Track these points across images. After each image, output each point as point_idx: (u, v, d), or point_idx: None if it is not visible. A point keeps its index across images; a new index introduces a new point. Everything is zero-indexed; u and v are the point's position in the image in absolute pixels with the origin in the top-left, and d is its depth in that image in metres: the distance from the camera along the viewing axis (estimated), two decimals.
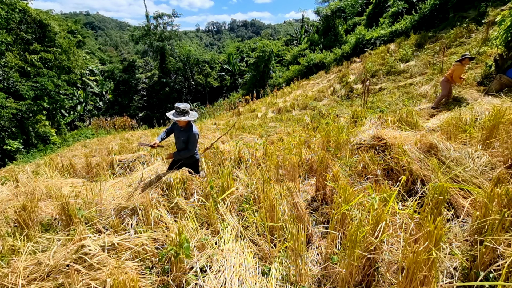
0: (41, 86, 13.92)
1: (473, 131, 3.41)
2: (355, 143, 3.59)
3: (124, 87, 27.84)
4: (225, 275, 1.84)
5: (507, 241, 1.63)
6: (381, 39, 14.83)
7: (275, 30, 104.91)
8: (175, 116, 3.27)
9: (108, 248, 1.97)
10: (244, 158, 4.18)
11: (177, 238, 1.88)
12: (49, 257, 1.85)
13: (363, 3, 22.33)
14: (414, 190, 2.63)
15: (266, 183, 2.67)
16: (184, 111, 3.26)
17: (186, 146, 3.43)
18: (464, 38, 9.79)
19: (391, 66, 10.72)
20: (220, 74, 33.10)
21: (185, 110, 3.27)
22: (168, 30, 30.36)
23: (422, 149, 2.91)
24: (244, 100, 18.46)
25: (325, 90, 12.32)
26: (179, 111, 3.24)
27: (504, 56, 6.18)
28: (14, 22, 14.45)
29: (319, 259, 2.12)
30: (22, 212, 2.68)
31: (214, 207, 2.47)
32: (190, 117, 3.28)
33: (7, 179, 4.64)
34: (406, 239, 1.61)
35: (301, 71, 19.42)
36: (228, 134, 7.27)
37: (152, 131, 13.78)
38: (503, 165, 2.64)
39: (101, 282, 1.70)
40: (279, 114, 11.27)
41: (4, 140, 11.82)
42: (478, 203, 2.18)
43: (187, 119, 3.24)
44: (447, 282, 1.69)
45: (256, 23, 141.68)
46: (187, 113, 3.28)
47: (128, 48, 64.55)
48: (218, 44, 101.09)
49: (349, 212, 2.02)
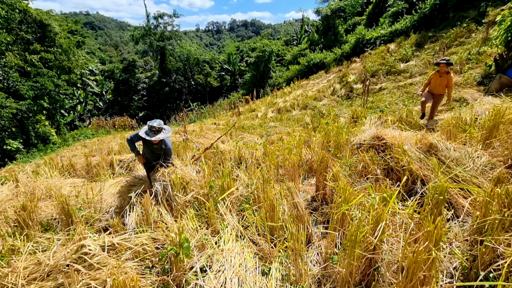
0: (41, 86, 13.92)
1: (473, 131, 3.40)
2: (355, 143, 3.59)
3: (124, 87, 27.84)
4: (225, 275, 1.84)
5: (507, 241, 1.63)
6: (381, 39, 14.83)
7: (275, 30, 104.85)
8: (150, 135, 3.12)
9: (108, 248, 1.97)
10: (244, 158, 4.18)
11: (177, 238, 1.88)
12: (49, 257, 1.85)
13: (363, 3, 22.31)
14: (414, 190, 2.63)
15: (266, 183, 2.67)
16: (159, 129, 3.15)
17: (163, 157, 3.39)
18: (464, 38, 9.79)
19: (391, 66, 10.72)
20: (220, 74, 33.09)
21: (160, 127, 3.16)
22: (168, 30, 30.35)
23: (422, 149, 2.91)
24: (244, 100, 18.45)
25: (325, 90, 12.32)
26: (155, 130, 3.12)
27: (504, 56, 6.18)
28: (14, 22, 14.45)
29: (319, 259, 2.12)
30: (22, 212, 2.68)
31: (214, 207, 2.47)
32: (166, 134, 3.19)
33: (7, 179, 4.64)
34: (406, 239, 1.61)
35: (301, 71, 19.42)
36: (228, 134, 7.27)
37: None
38: (503, 165, 2.64)
39: (101, 282, 1.70)
40: (279, 114, 11.27)
41: (4, 140, 11.82)
42: (478, 203, 2.18)
43: (164, 137, 3.16)
44: (447, 282, 1.69)
45: (256, 23, 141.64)
46: (163, 130, 3.19)
47: (128, 48, 64.50)
48: (218, 44, 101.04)
49: (349, 212, 2.02)
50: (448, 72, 4.78)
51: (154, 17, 29.88)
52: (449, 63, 4.76)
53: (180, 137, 7.70)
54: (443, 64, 4.74)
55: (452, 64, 4.86)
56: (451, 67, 4.95)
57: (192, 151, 5.54)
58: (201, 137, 7.48)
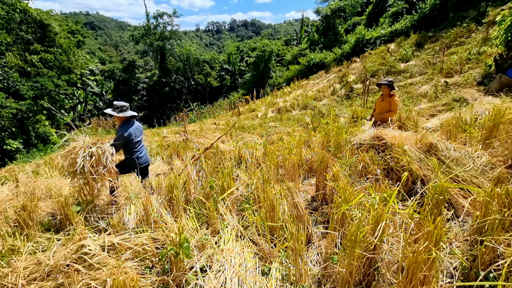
0: (41, 86, 13.92)
1: (473, 131, 3.40)
2: (355, 143, 3.59)
3: (124, 87, 27.86)
4: (225, 275, 1.84)
5: (507, 241, 1.63)
6: (381, 39, 14.83)
7: (275, 30, 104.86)
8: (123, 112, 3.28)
9: (108, 248, 1.97)
10: (244, 158, 4.18)
11: (177, 238, 1.88)
12: (49, 257, 1.85)
13: (363, 3, 22.33)
14: (414, 190, 2.63)
15: (266, 183, 2.67)
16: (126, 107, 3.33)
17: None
18: (464, 38, 9.79)
19: (391, 66, 10.72)
20: (220, 74, 33.10)
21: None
22: (168, 30, 30.36)
23: (422, 149, 2.91)
24: (244, 100, 18.47)
25: (325, 90, 12.32)
26: (126, 108, 3.31)
27: (504, 56, 6.18)
28: (15, 22, 14.45)
29: (319, 259, 2.12)
30: (22, 212, 2.68)
31: (214, 207, 2.47)
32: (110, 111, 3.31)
33: (7, 179, 4.64)
34: (406, 239, 1.61)
35: (301, 71, 19.43)
36: (228, 134, 7.27)
37: (152, 130, 13.78)
38: (503, 165, 2.64)
39: (101, 282, 1.70)
40: (279, 114, 11.27)
41: (4, 140, 11.81)
42: (478, 203, 2.18)
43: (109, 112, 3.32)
44: (447, 282, 1.69)
45: (256, 23, 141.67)
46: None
47: (128, 48, 64.51)
48: (218, 44, 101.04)
49: (349, 212, 2.02)
50: (391, 95, 4.14)
51: (154, 17, 29.89)
52: (390, 85, 4.09)
53: (180, 137, 7.70)
54: (384, 85, 4.12)
55: (393, 87, 4.11)
56: (395, 90, 4.22)
57: (192, 151, 5.54)
58: (201, 137, 7.48)
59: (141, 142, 3.51)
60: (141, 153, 3.45)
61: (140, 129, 3.53)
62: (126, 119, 3.34)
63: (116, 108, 3.27)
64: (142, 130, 3.62)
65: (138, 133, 3.44)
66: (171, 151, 6.20)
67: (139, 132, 3.46)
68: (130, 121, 3.37)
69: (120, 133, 3.18)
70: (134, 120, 3.45)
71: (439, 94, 7.02)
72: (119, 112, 3.26)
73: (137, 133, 3.39)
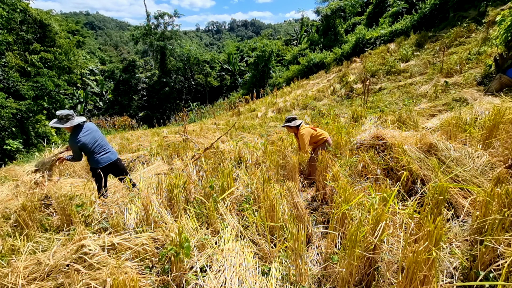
0: (41, 86, 13.91)
1: (473, 131, 3.40)
2: (355, 142, 3.59)
3: (124, 87, 27.86)
4: (225, 275, 1.84)
5: (507, 241, 1.63)
6: (381, 38, 14.83)
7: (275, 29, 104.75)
8: (63, 123, 3.10)
9: (108, 248, 1.97)
10: (244, 158, 4.18)
11: (177, 238, 1.88)
12: (49, 257, 1.85)
13: (363, 3, 22.33)
14: (414, 190, 2.63)
15: (266, 182, 2.67)
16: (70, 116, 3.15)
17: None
18: (464, 37, 9.79)
19: (391, 66, 10.72)
20: (220, 73, 33.10)
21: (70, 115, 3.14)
22: (169, 30, 30.36)
23: (422, 149, 2.91)
24: (244, 100, 18.47)
25: (325, 89, 12.32)
26: (71, 116, 3.15)
27: (504, 56, 6.18)
28: (15, 22, 14.45)
29: (319, 259, 2.12)
30: (22, 212, 2.68)
31: (214, 207, 2.47)
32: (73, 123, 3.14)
33: (7, 179, 4.64)
34: (406, 239, 1.61)
35: (301, 71, 19.43)
36: (228, 134, 7.27)
37: (152, 130, 13.78)
38: (503, 164, 2.64)
39: (101, 282, 1.70)
40: (279, 113, 11.27)
41: (4, 140, 11.82)
42: (478, 203, 2.17)
43: (55, 125, 3.14)
44: (447, 281, 1.69)
45: (256, 22, 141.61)
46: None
47: (128, 48, 64.47)
48: (218, 44, 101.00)
49: (349, 212, 2.02)
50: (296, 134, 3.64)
51: (154, 17, 29.91)
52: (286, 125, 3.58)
53: (180, 137, 7.70)
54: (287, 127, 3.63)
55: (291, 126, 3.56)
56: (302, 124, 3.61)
57: (192, 151, 5.54)
58: (201, 137, 7.48)
59: (97, 142, 3.34)
60: (100, 154, 3.34)
61: (93, 129, 3.36)
62: (75, 127, 3.20)
63: (61, 119, 3.11)
64: (97, 129, 3.45)
65: (91, 136, 3.28)
66: (171, 151, 6.19)
67: (91, 135, 3.30)
68: (79, 127, 3.22)
69: (71, 144, 3.19)
70: (84, 123, 3.29)
71: (439, 94, 7.02)
72: (65, 123, 3.10)
73: (89, 136, 3.26)
